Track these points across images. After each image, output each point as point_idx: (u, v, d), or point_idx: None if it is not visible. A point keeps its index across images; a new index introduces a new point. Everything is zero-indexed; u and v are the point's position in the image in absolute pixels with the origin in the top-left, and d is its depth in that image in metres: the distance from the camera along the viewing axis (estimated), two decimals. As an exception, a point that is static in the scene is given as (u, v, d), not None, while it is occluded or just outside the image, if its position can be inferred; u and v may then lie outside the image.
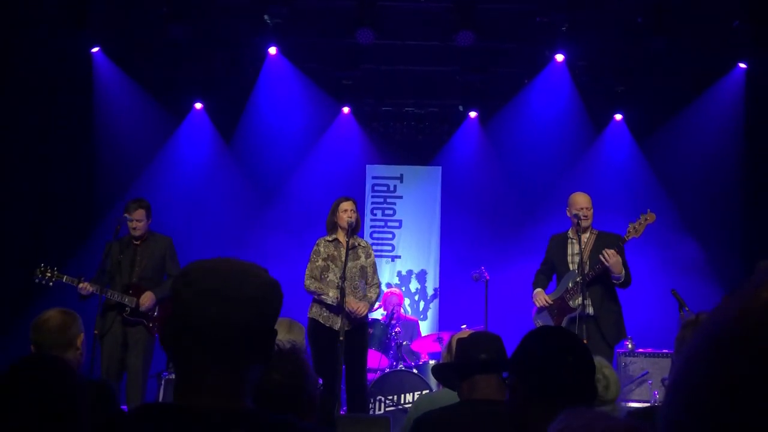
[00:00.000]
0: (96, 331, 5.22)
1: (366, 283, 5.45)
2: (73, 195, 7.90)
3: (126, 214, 5.50)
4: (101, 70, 7.78)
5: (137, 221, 5.50)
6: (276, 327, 3.58)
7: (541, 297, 5.37)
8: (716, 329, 0.48)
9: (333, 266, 5.36)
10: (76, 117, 7.87)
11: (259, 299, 1.41)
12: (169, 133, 8.30)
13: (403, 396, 5.95)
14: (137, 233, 5.53)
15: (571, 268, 5.29)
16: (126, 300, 5.40)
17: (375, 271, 5.53)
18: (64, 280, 5.35)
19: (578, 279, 5.13)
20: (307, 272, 5.42)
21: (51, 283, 5.36)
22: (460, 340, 3.07)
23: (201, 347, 1.38)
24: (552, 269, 5.48)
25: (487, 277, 6.39)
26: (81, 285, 5.31)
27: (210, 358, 1.37)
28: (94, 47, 7.66)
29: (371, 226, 8.95)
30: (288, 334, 3.30)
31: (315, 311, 5.36)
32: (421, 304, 8.74)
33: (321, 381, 4.21)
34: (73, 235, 7.58)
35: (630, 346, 6.14)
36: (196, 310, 1.38)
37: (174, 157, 8.33)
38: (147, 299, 5.43)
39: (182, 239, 6.83)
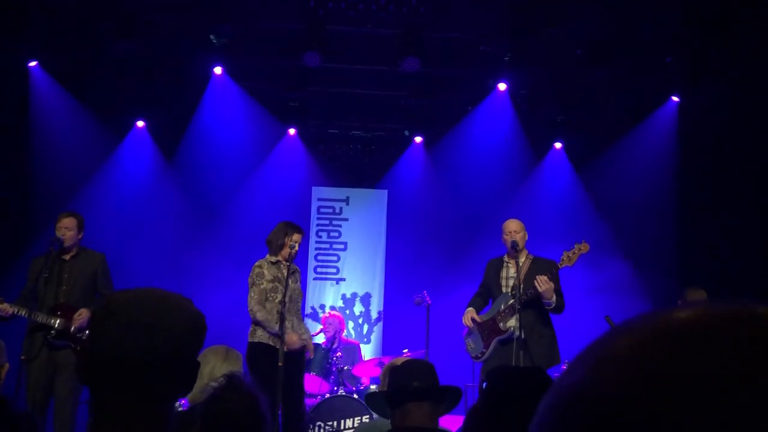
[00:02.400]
0: (22, 357, 4.97)
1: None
2: (5, 213, 7.62)
3: (56, 224, 5.26)
4: (38, 85, 7.57)
5: (66, 229, 5.21)
6: (212, 355, 3.50)
7: (468, 316, 5.42)
8: (561, 395, 0.48)
9: (279, 286, 5.29)
10: (9, 133, 7.61)
11: (184, 330, 1.38)
12: (108, 151, 8.12)
13: (343, 422, 5.89)
14: (66, 243, 5.22)
15: (504, 291, 5.37)
16: (52, 321, 5.07)
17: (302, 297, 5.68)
18: None
19: (510, 302, 5.21)
20: (254, 297, 5.26)
21: None
22: (393, 369, 3.08)
23: (123, 382, 1.34)
24: (489, 292, 5.56)
25: (429, 302, 6.42)
26: (0, 306, 5.00)
27: (133, 394, 1.33)
28: (32, 61, 7.46)
29: (316, 248, 8.91)
30: (225, 362, 3.24)
31: (261, 334, 5.21)
32: (365, 327, 8.72)
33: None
34: (4, 255, 7.29)
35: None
36: (118, 343, 1.35)
37: (113, 176, 8.13)
38: (83, 315, 5.09)
39: (119, 260, 6.65)
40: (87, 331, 5.13)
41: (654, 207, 8.21)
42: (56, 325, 5.10)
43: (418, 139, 8.66)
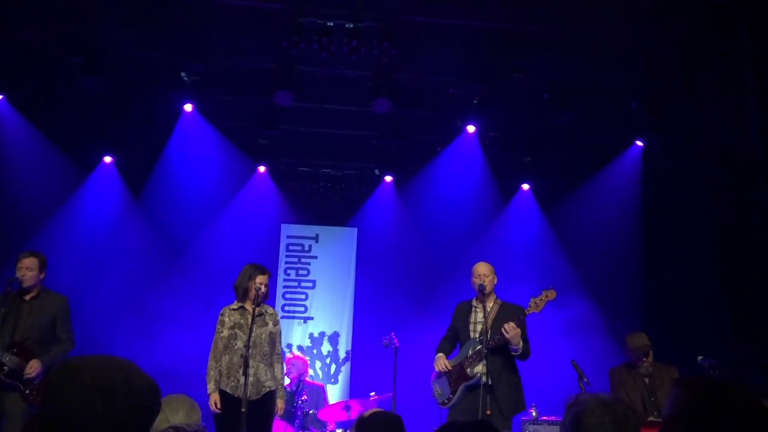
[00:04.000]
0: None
1: (273, 353, 5.33)
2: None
3: (17, 264, 5.17)
4: (4, 120, 7.45)
5: (27, 270, 5.14)
6: (179, 404, 3.42)
7: (440, 362, 5.42)
8: None
9: (240, 333, 5.25)
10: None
11: (141, 397, 1.37)
12: (74, 187, 7.99)
13: (308, 468, 5.77)
14: (26, 284, 5.14)
15: (472, 336, 5.38)
16: (7, 359, 4.97)
17: (280, 341, 5.49)
18: None
19: (478, 347, 5.21)
20: (210, 354, 5.27)
21: None
22: (360, 421, 3.05)
23: None
24: (456, 336, 5.55)
25: (397, 344, 6.39)
26: None
27: None
28: (-2, 95, 7.37)
29: (284, 286, 8.83)
30: (190, 414, 3.17)
31: (224, 383, 5.19)
32: (333, 367, 8.62)
33: None
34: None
35: (534, 413, 6.25)
36: (76, 405, 1.32)
37: (78, 212, 8.00)
38: (33, 369, 5.02)
39: (82, 299, 6.51)
40: (35, 381, 5.00)
41: (619, 248, 8.34)
42: (10, 363, 4.99)
43: (388, 178, 8.71)
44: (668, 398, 1.71)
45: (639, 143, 8.25)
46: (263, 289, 5.24)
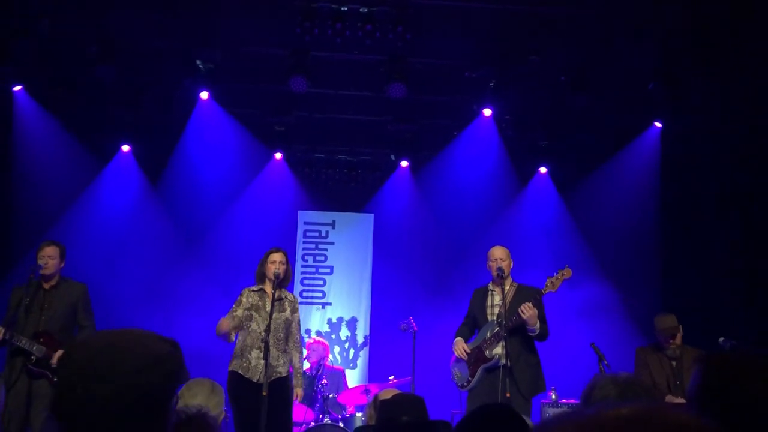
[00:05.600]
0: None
1: (288, 339, 5.32)
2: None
3: (38, 253, 5.25)
4: (23, 109, 7.52)
5: (49, 258, 5.21)
6: (199, 387, 3.47)
7: (459, 346, 5.43)
8: None
9: (257, 316, 5.22)
10: (-7, 157, 7.55)
11: (135, 375, 1.34)
12: (93, 176, 8.06)
13: (329, 451, 5.83)
14: (47, 271, 5.21)
15: (489, 319, 5.38)
16: (34, 348, 5.07)
17: (298, 329, 5.43)
18: None
19: (496, 329, 5.21)
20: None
21: None
22: (383, 402, 3.07)
23: (84, 427, 1.33)
24: (474, 322, 5.56)
25: (415, 329, 6.40)
26: None
27: None
28: (17, 86, 7.42)
29: (302, 273, 8.88)
30: (209, 398, 3.21)
31: (236, 363, 5.18)
32: (351, 352, 8.67)
33: None
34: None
35: (553, 396, 6.25)
36: (69, 390, 1.35)
37: (97, 201, 8.07)
38: (59, 357, 5.14)
39: (102, 286, 6.59)
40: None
41: (637, 231, 8.28)
42: (37, 352, 5.09)
43: (404, 164, 8.69)
44: (692, 375, 1.69)
45: (657, 125, 8.16)
46: (279, 266, 5.23)
